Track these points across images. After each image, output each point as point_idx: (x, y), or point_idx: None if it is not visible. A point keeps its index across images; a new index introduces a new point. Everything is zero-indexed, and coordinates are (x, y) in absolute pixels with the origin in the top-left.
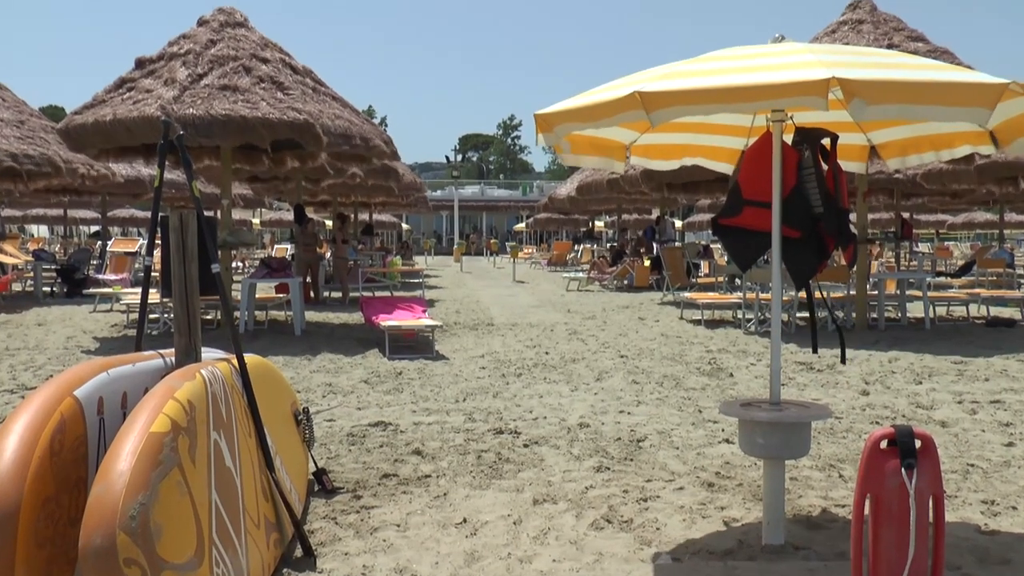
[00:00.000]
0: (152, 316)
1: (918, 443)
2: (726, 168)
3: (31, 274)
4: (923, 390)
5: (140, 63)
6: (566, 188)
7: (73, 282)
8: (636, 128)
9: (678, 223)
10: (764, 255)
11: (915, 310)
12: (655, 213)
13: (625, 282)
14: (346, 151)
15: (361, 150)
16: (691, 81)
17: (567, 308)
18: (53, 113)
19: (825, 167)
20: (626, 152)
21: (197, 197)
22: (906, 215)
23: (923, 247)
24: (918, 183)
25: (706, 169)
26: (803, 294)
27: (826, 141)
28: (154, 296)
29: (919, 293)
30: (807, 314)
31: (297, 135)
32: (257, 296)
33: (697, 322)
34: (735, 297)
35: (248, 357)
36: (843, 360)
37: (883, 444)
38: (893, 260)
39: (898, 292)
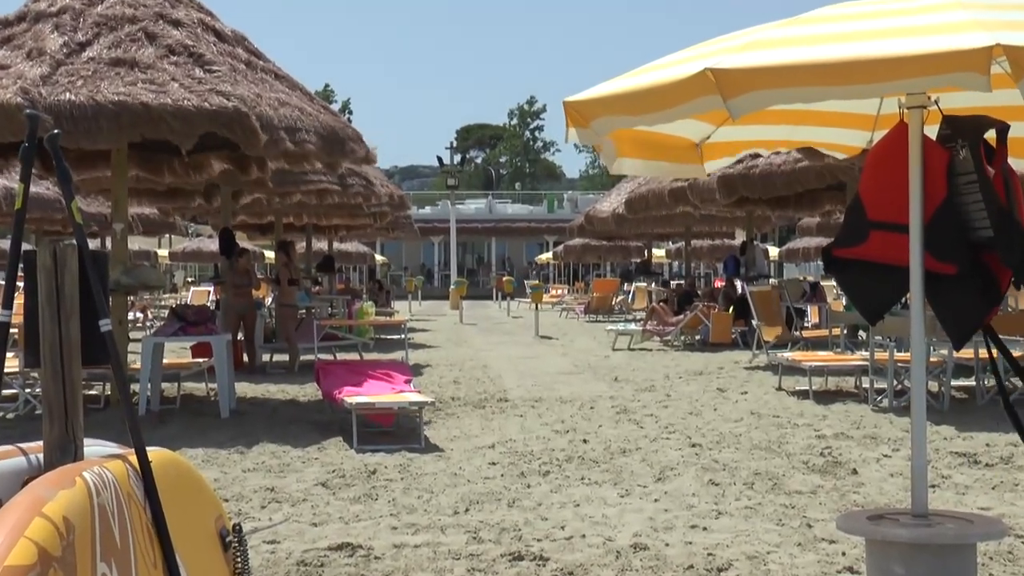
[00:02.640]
0: (8, 392)
1: None
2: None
3: None
4: None
5: None
6: (610, 202)
7: None
8: (709, 120)
9: (772, 251)
10: (902, 299)
11: None
12: (739, 237)
13: (697, 337)
14: (296, 153)
15: (318, 151)
16: (787, 53)
17: (614, 375)
18: None
19: (991, 171)
20: (697, 152)
21: (78, 222)
22: None
23: None
24: None
25: (811, 174)
26: (970, 352)
27: (991, 134)
28: (12, 364)
29: None
30: (971, 382)
31: (224, 130)
32: (166, 362)
33: (802, 394)
34: (858, 358)
35: (152, 452)
36: None
37: None
38: None
39: None
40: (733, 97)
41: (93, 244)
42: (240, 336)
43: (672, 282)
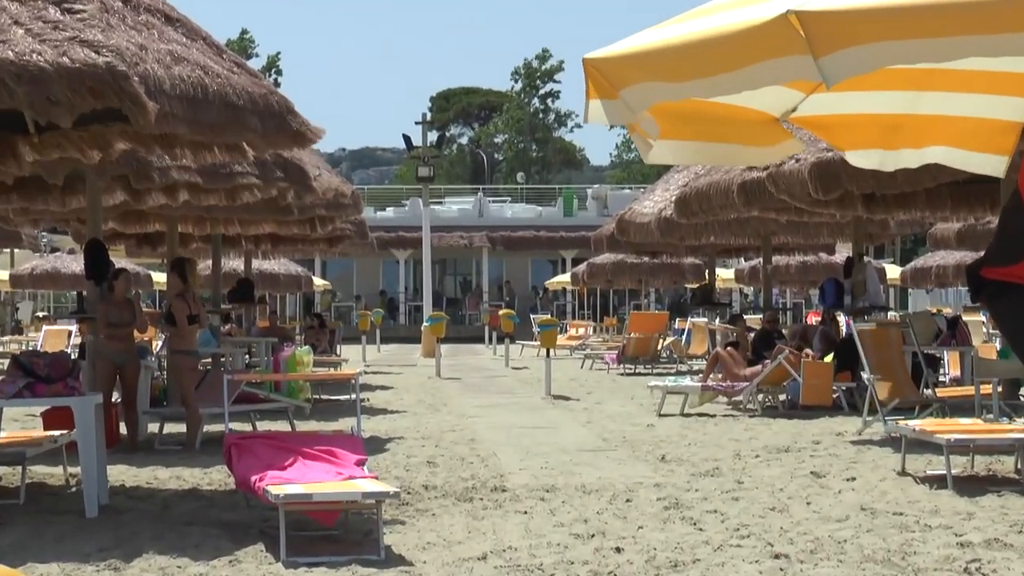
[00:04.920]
0: None
1: None
2: (990, 164)
3: None
4: None
5: None
6: (654, 201)
7: None
8: (795, 87)
9: (892, 271)
10: None
11: None
12: (842, 252)
13: (783, 397)
14: (202, 129)
15: (232, 129)
16: None
17: (660, 454)
18: None
19: None
20: (781, 129)
21: None
22: None
23: None
24: None
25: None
26: None
27: None
28: None
29: None
30: None
31: (93, 96)
32: (3, 436)
33: (937, 481)
34: (1020, 428)
35: None
36: None
37: None
38: None
39: None
40: (828, 53)
41: None
42: (116, 398)
43: (745, 317)
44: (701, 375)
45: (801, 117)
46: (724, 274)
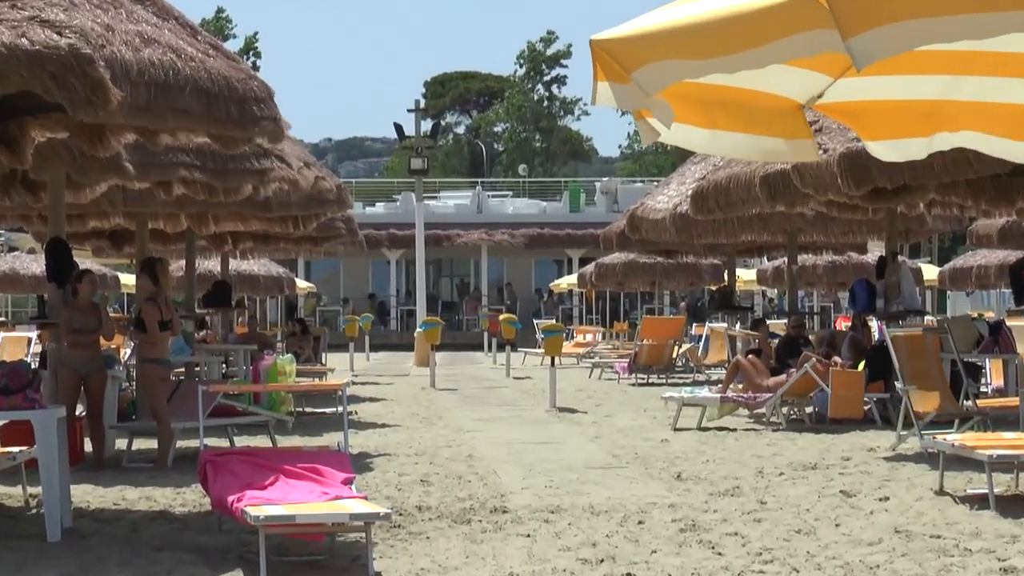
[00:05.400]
0: None
1: None
2: None
3: None
4: None
5: None
6: (668, 195)
7: None
8: (821, 69)
9: (929, 271)
10: None
11: None
12: (874, 251)
13: (809, 410)
14: (178, 117)
15: (205, 118)
16: None
17: (675, 471)
18: None
19: None
20: (804, 122)
21: None
22: None
23: None
24: None
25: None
26: None
27: None
28: None
29: None
30: None
31: (53, 83)
32: None
33: (979, 501)
34: None
35: None
36: None
37: None
38: None
39: None
40: (858, 33)
41: None
42: (80, 411)
43: (768, 322)
44: (720, 385)
45: (828, 104)
46: (745, 275)
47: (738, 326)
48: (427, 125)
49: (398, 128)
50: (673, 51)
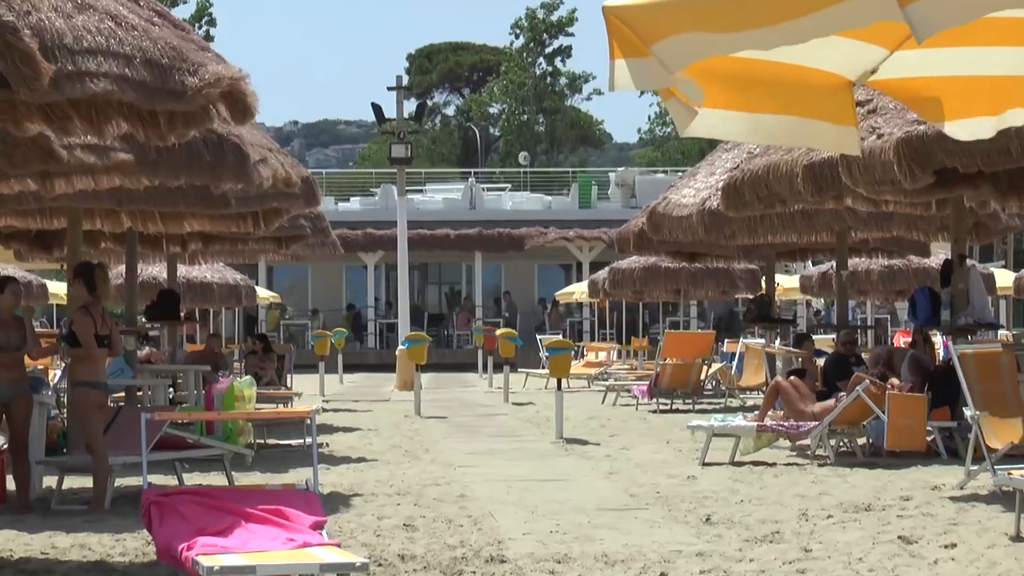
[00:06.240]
0: None
1: None
2: None
3: None
4: None
5: None
6: (696, 188)
7: None
8: (874, 40)
9: (1004, 276)
10: None
11: None
12: (938, 253)
13: (862, 441)
14: (108, 98)
15: (152, 95)
16: None
17: (704, 514)
18: None
19: None
20: (851, 103)
21: None
22: None
23: None
24: None
25: None
26: None
27: None
28: None
29: None
30: None
31: None
32: None
33: None
34: None
35: None
36: None
37: None
38: None
39: None
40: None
41: None
42: (2, 444)
43: (813, 337)
44: (757, 412)
45: (883, 80)
46: (786, 282)
47: (778, 342)
48: (411, 106)
49: (377, 109)
50: (700, 22)
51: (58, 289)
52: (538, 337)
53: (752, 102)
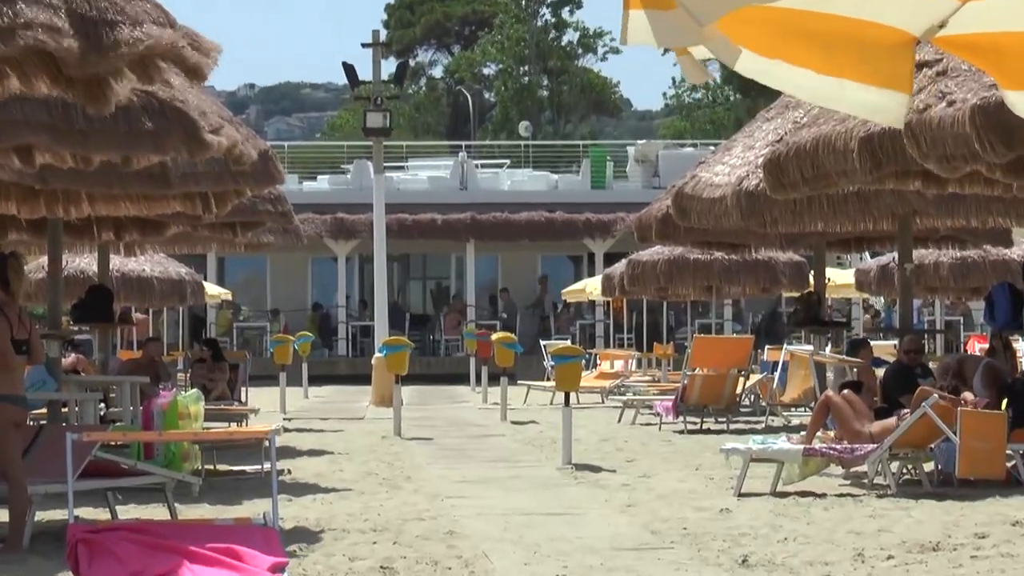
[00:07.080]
0: None
1: None
2: None
3: None
4: None
5: None
6: (729, 166)
7: None
8: None
9: None
10: None
11: None
12: (1021, 243)
13: (933, 469)
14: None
15: (84, 49)
16: None
17: (740, 554)
18: None
19: None
20: (911, 61)
21: None
22: None
23: None
24: None
25: None
26: None
27: None
28: None
29: None
30: None
31: None
32: None
33: None
34: None
35: None
36: None
37: None
38: None
39: None
40: None
41: None
42: None
43: (871, 343)
44: (804, 434)
45: (953, 36)
46: (839, 277)
47: (829, 349)
48: (390, 66)
49: (349, 70)
50: None
51: None
52: (542, 343)
53: (797, 56)
